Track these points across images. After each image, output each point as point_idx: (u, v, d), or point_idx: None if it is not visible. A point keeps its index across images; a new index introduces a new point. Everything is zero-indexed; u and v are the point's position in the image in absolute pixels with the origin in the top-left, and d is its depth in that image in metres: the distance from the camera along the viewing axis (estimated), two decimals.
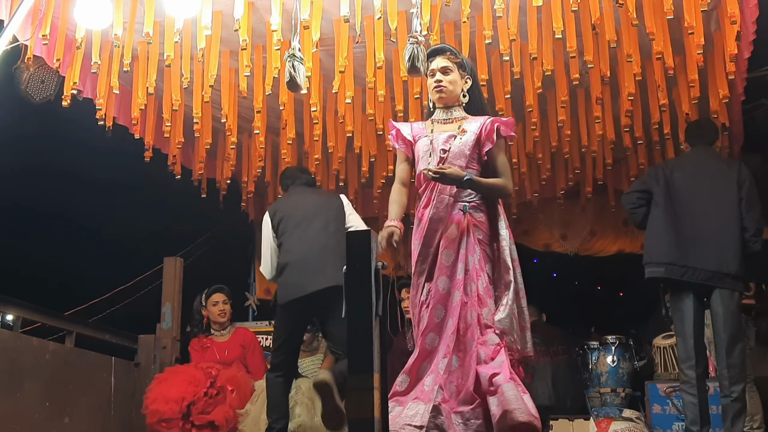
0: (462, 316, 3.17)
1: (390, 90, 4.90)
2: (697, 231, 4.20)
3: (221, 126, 5.30)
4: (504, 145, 3.40)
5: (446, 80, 3.38)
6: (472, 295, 3.18)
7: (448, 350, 3.15)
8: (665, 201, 4.28)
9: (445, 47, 3.52)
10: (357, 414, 3.37)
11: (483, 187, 3.29)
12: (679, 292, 4.21)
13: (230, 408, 4.77)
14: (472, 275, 3.20)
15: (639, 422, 5.02)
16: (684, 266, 4.13)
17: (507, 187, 3.36)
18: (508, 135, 3.35)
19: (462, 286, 3.20)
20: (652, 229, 4.31)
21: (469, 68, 3.47)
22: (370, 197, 6.45)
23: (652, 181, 4.39)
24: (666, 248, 4.19)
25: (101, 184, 7.69)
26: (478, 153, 3.32)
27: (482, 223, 3.29)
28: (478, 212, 3.30)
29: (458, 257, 3.24)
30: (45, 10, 4.26)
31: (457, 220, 3.28)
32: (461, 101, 3.42)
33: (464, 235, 3.25)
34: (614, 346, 5.56)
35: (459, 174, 3.20)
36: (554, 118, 5.25)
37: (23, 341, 4.50)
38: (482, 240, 3.26)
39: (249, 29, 4.33)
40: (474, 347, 3.11)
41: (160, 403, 4.73)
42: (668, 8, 3.97)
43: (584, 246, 7.07)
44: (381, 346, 3.52)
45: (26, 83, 4.81)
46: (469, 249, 3.23)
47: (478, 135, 3.32)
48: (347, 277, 3.58)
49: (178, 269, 5.96)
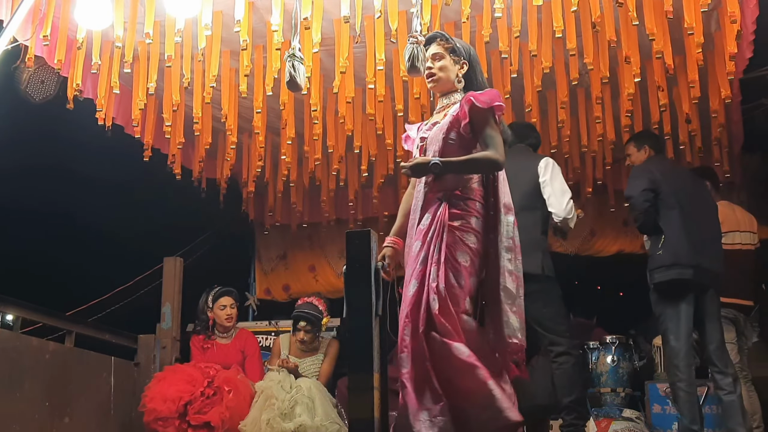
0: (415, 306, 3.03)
1: (390, 90, 4.91)
2: (701, 232, 4.25)
3: (221, 126, 5.30)
4: (488, 118, 3.11)
5: (437, 67, 3.25)
6: (428, 285, 3.01)
7: (403, 344, 3.02)
8: (675, 201, 4.26)
9: (435, 34, 3.35)
10: (357, 414, 3.37)
11: (458, 165, 3.11)
12: (685, 293, 4.20)
13: (226, 409, 4.76)
14: (428, 263, 3.04)
15: (639, 422, 5.03)
16: (696, 267, 4.16)
17: (488, 157, 3.08)
18: (488, 106, 3.09)
19: (420, 275, 3.06)
20: (671, 230, 4.22)
21: (465, 52, 3.28)
22: (370, 197, 6.46)
23: (657, 181, 4.32)
24: (689, 250, 4.17)
25: (101, 184, 7.69)
26: (458, 135, 3.14)
27: (466, 211, 3.10)
28: (460, 201, 3.11)
29: (423, 246, 3.09)
30: (45, 11, 4.26)
31: (431, 210, 3.13)
32: (457, 87, 3.26)
33: (435, 224, 3.09)
34: (614, 346, 5.56)
35: (424, 161, 3.08)
36: (554, 118, 5.25)
37: (23, 341, 4.50)
38: (460, 228, 3.07)
39: (249, 29, 4.33)
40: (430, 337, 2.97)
41: (157, 402, 4.73)
42: (668, 8, 3.97)
43: (584, 246, 7.08)
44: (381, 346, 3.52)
45: (26, 83, 4.82)
46: (435, 238, 3.06)
47: (454, 116, 3.15)
48: (347, 277, 3.59)
49: (178, 269, 5.95)
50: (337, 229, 6.86)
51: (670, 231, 4.21)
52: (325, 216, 6.66)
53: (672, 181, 4.32)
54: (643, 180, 4.30)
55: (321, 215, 6.70)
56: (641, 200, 4.24)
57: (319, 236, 7.23)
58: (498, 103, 3.12)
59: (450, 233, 3.06)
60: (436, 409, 2.92)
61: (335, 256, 7.30)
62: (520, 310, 3.09)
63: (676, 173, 4.48)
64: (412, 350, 2.99)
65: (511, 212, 3.14)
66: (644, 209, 4.23)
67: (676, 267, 4.16)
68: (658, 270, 4.22)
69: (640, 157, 4.54)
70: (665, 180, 4.30)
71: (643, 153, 4.53)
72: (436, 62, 3.26)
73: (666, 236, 4.22)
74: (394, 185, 6.47)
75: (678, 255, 4.16)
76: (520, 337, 3.05)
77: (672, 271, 4.17)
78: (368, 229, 3.76)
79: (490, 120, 3.11)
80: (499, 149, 3.10)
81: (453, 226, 3.07)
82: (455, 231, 3.07)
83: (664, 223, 4.24)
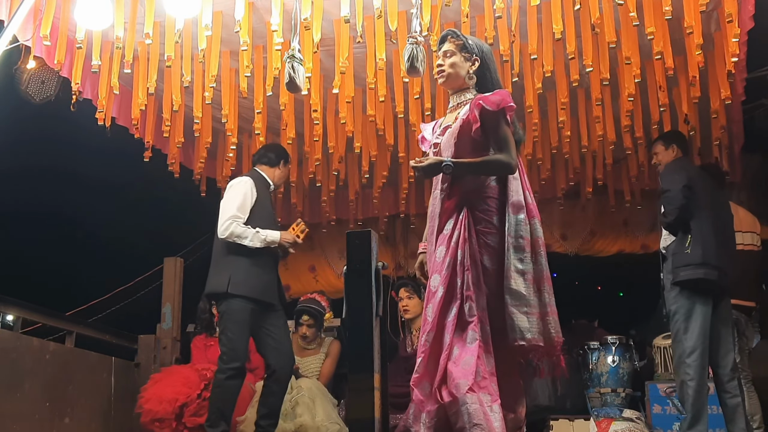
0: (442, 312, 2.99)
1: (390, 90, 4.91)
2: (724, 237, 4.29)
3: (221, 126, 5.30)
4: (498, 120, 3.07)
5: (447, 64, 3.21)
6: (455, 291, 2.99)
7: (424, 348, 2.98)
8: (706, 203, 4.27)
9: (447, 32, 3.30)
10: (357, 414, 3.38)
11: (470, 168, 3.09)
12: (707, 294, 4.22)
13: None
14: (458, 269, 3.01)
15: (639, 422, 5.02)
16: (722, 270, 4.18)
17: (500, 160, 3.04)
18: (498, 108, 3.05)
19: (446, 281, 3.01)
20: (703, 229, 4.22)
21: (476, 49, 3.22)
22: (370, 197, 6.46)
23: (693, 178, 4.30)
24: (716, 252, 4.19)
25: (101, 184, 7.70)
26: (470, 138, 3.10)
27: (487, 211, 3.07)
28: (480, 201, 3.08)
29: (448, 251, 3.04)
30: (45, 11, 4.26)
31: (453, 215, 3.10)
32: (468, 84, 3.21)
33: (458, 228, 3.05)
34: (614, 347, 5.56)
35: (436, 162, 3.04)
36: (554, 119, 5.25)
37: (23, 341, 4.50)
38: (483, 230, 3.04)
39: (249, 29, 4.33)
40: (449, 344, 2.94)
41: (153, 403, 4.75)
42: (668, 8, 3.97)
43: (584, 246, 7.07)
44: (381, 346, 3.52)
45: (26, 83, 4.82)
46: (461, 242, 3.02)
47: (465, 119, 3.12)
48: (347, 277, 3.59)
49: (178, 269, 5.96)
50: (338, 229, 6.86)
51: (702, 230, 4.21)
52: (326, 216, 6.66)
53: (702, 183, 4.35)
54: (683, 175, 4.28)
55: (321, 215, 6.70)
56: (681, 195, 4.21)
57: (319, 236, 7.23)
58: (509, 104, 3.08)
59: (475, 237, 3.03)
60: (433, 411, 2.90)
61: (335, 256, 7.30)
62: (535, 311, 2.99)
63: (702, 176, 4.48)
64: (430, 355, 2.97)
65: (522, 211, 3.07)
66: (682, 204, 4.20)
67: (704, 266, 4.16)
68: (685, 268, 4.20)
69: (668, 156, 4.55)
70: (698, 180, 4.33)
71: (671, 152, 4.55)
72: (447, 59, 3.22)
73: (695, 235, 4.20)
74: (394, 185, 6.47)
75: (707, 255, 4.16)
76: (529, 337, 2.95)
77: (700, 270, 4.16)
78: (368, 229, 3.77)
79: (501, 122, 3.08)
80: (512, 151, 3.07)
81: (477, 230, 3.04)
82: (480, 235, 3.04)
83: (695, 221, 4.23)
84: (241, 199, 4.38)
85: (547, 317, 3.01)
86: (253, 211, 4.39)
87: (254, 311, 4.32)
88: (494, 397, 2.84)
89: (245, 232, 4.31)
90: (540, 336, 2.97)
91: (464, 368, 2.87)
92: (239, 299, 4.28)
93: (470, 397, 2.80)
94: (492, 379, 2.89)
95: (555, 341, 3.01)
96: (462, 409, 2.80)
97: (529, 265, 3.02)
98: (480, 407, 2.80)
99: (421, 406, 2.95)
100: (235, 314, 4.28)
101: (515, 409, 3.03)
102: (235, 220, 4.33)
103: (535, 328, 2.97)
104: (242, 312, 4.28)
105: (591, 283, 9.54)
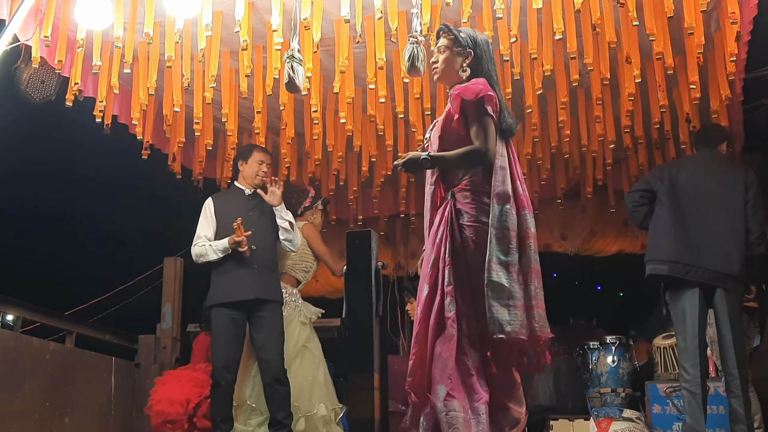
0: (426, 311, 2.95)
1: (390, 90, 4.90)
2: (702, 231, 4.22)
3: (221, 126, 5.30)
4: (477, 110, 3.02)
5: (441, 59, 3.20)
6: (437, 288, 2.95)
7: (414, 350, 2.96)
8: (670, 200, 4.31)
9: (441, 27, 3.28)
10: (357, 414, 3.37)
11: (447, 161, 3.05)
12: (681, 290, 4.22)
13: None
14: (439, 266, 2.96)
15: (639, 422, 5.02)
16: (688, 265, 4.16)
17: (476, 150, 2.98)
18: (476, 97, 3.00)
19: (431, 279, 2.98)
20: (656, 228, 4.32)
21: (469, 41, 3.18)
22: (370, 197, 6.46)
23: (656, 181, 4.41)
24: (670, 247, 4.21)
25: (101, 184, 7.71)
26: (453, 131, 3.08)
27: (470, 204, 3.02)
28: (463, 195, 3.05)
29: (433, 248, 3.01)
30: (45, 11, 4.26)
31: (440, 210, 3.07)
32: (461, 77, 3.17)
33: (442, 223, 3.02)
34: (614, 347, 5.56)
35: (415, 156, 3.04)
36: (554, 119, 5.25)
37: (23, 341, 4.50)
38: (466, 224, 2.99)
39: (249, 29, 4.33)
40: (431, 343, 2.92)
41: (164, 405, 4.75)
42: (668, 8, 3.97)
43: (584, 246, 7.07)
44: (381, 346, 3.52)
45: (26, 83, 4.81)
46: (443, 238, 2.98)
47: (447, 112, 3.09)
48: (347, 277, 3.59)
49: (178, 269, 5.96)
50: (337, 229, 6.86)
51: (654, 227, 4.35)
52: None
53: (683, 179, 4.34)
54: (641, 182, 4.59)
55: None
56: (628, 200, 4.54)
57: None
58: (487, 93, 3.02)
59: (458, 232, 2.98)
60: (429, 414, 2.89)
61: (335, 256, 7.29)
62: (519, 303, 2.90)
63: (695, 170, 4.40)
64: (419, 357, 2.94)
65: (509, 201, 2.98)
66: (631, 208, 4.49)
67: (652, 262, 4.28)
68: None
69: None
70: (673, 179, 4.35)
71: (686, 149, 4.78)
72: (440, 55, 3.22)
73: (650, 233, 4.37)
74: (394, 185, 6.47)
75: (654, 251, 4.30)
76: (509, 330, 2.84)
77: (649, 266, 4.29)
78: (368, 229, 3.77)
79: (479, 111, 3.02)
80: (489, 142, 2.99)
81: (460, 224, 2.99)
82: (463, 229, 2.99)
83: (653, 220, 4.36)
84: (200, 223, 4.66)
85: (532, 311, 2.93)
86: (222, 225, 4.59)
87: (233, 316, 4.47)
88: (479, 396, 2.81)
89: (202, 249, 4.55)
90: (522, 329, 2.88)
91: (442, 370, 2.86)
92: (215, 309, 4.48)
93: (449, 404, 2.79)
94: (477, 377, 2.85)
95: (538, 335, 2.92)
96: (441, 416, 2.79)
97: (515, 256, 2.93)
98: (458, 413, 2.78)
99: (417, 409, 2.94)
100: (214, 326, 4.50)
101: (508, 405, 2.96)
102: (195, 243, 4.59)
103: (516, 321, 2.87)
104: (218, 320, 4.47)
105: (591, 283, 9.55)
